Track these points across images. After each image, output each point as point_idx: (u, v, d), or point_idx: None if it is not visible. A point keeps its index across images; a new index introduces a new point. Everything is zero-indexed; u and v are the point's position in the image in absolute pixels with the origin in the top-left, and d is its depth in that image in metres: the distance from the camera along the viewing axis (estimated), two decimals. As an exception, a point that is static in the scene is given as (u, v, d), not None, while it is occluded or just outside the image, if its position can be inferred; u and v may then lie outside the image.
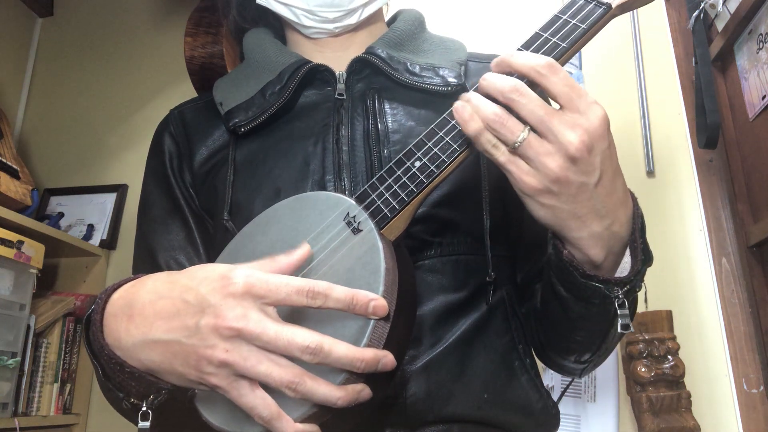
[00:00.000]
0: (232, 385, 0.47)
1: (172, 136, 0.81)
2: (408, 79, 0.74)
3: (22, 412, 1.52)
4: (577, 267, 0.56)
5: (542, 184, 0.52)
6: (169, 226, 0.77)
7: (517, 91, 0.51)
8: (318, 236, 0.56)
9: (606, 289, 0.56)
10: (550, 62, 0.52)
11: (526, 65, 0.52)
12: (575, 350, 0.69)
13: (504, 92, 0.51)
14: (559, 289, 0.61)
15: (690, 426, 1.27)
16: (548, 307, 0.67)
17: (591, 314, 0.61)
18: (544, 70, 0.51)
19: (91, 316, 0.55)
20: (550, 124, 0.50)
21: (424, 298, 0.68)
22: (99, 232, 1.90)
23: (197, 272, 0.51)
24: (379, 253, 0.52)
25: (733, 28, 1.39)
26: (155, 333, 0.50)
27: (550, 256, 0.60)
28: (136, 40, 2.15)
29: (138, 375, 0.51)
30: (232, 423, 0.51)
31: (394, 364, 0.49)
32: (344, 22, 0.78)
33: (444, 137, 0.57)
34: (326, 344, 0.46)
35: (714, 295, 1.43)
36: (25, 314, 1.50)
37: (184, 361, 0.49)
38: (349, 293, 0.48)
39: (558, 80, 0.51)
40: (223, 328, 0.46)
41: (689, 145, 1.56)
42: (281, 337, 0.46)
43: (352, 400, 0.48)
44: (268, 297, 0.48)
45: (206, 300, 0.48)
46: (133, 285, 0.55)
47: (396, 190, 0.57)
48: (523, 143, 0.51)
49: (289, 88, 0.75)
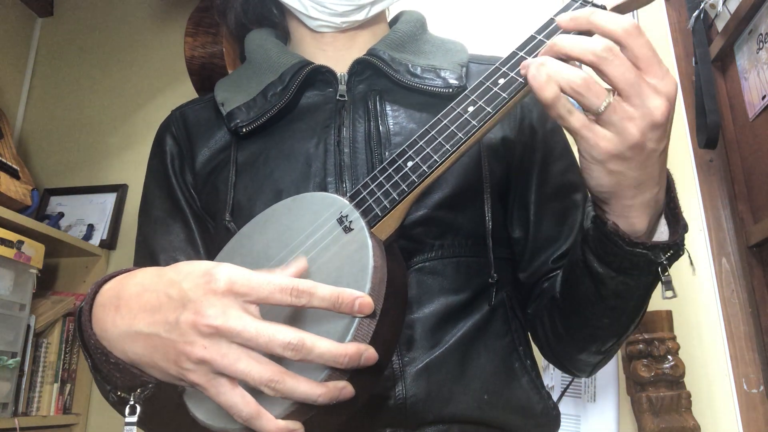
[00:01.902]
0: (210, 383, 0.47)
1: (173, 136, 0.81)
2: (409, 80, 0.74)
3: (22, 412, 1.52)
4: (622, 236, 0.55)
5: (618, 150, 0.50)
6: (170, 227, 0.77)
7: (611, 50, 0.48)
8: (311, 235, 0.56)
9: (652, 255, 0.55)
10: (636, 24, 0.50)
11: (611, 24, 0.50)
12: (599, 337, 0.67)
13: (596, 51, 0.48)
14: (596, 266, 0.59)
15: (690, 426, 1.27)
16: (576, 290, 0.65)
17: (627, 289, 0.60)
18: (634, 31, 0.49)
19: (82, 307, 0.55)
20: (639, 88, 0.48)
21: (424, 300, 0.68)
22: (99, 232, 1.90)
23: (183, 267, 0.51)
24: (368, 251, 0.52)
25: (733, 28, 1.39)
26: (138, 325, 0.50)
27: (588, 231, 0.58)
28: (136, 40, 2.15)
29: (122, 366, 0.51)
30: (218, 419, 0.50)
31: (377, 358, 0.48)
32: (352, 18, 0.78)
33: (436, 137, 0.57)
34: (308, 340, 0.46)
35: (714, 295, 1.44)
36: (25, 314, 1.50)
37: (164, 355, 0.48)
38: (335, 292, 0.48)
39: (644, 43, 0.49)
40: (202, 325, 0.46)
41: (689, 145, 1.56)
42: (262, 334, 0.46)
43: (333, 397, 0.47)
44: (250, 295, 0.47)
45: (187, 296, 0.48)
46: (124, 277, 0.55)
47: (388, 190, 0.57)
48: (608, 108, 0.49)
49: (291, 89, 0.75)
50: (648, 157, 0.51)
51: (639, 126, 0.49)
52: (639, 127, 0.49)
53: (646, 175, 0.52)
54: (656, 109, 0.49)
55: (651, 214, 0.55)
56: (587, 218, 0.59)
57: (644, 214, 0.55)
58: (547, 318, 0.73)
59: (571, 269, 0.65)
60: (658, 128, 0.49)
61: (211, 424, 0.51)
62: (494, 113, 0.56)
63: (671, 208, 0.57)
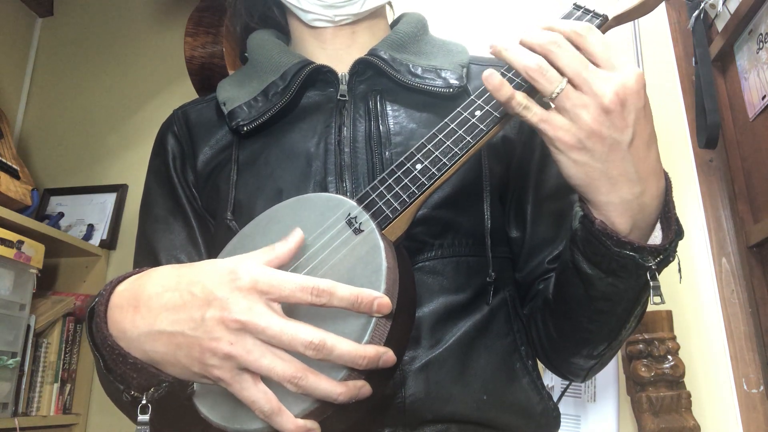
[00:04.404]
0: (234, 378, 0.48)
1: (175, 136, 0.81)
2: (410, 80, 0.75)
3: (22, 412, 1.52)
4: (610, 235, 0.55)
5: (576, 138, 0.52)
6: (171, 226, 0.77)
7: (555, 42, 0.53)
8: (319, 236, 0.57)
9: (640, 258, 0.56)
10: (589, 25, 0.54)
11: (566, 26, 0.54)
12: (590, 341, 0.67)
13: (543, 44, 0.53)
14: (584, 266, 0.60)
15: (690, 426, 1.27)
16: (566, 292, 0.65)
17: (616, 291, 0.60)
18: (583, 31, 0.54)
19: (95, 308, 0.55)
20: (586, 75, 0.52)
21: (424, 299, 0.68)
22: (99, 232, 1.90)
23: (204, 266, 0.52)
24: (381, 253, 0.52)
25: (733, 28, 1.40)
26: (161, 324, 0.50)
27: (576, 231, 0.59)
28: (136, 40, 2.15)
29: (140, 366, 0.51)
30: (231, 420, 0.51)
31: (395, 360, 0.50)
32: (345, 10, 0.78)
33: (445, 140, 0.58)
34: (329, 341, 0.47)
35: (714, 295, 1.44)
36: (25, 314, 1.50)
37: (188, 352, 0.49)
38: (354, 292, 0.49)
39: (596, 40, 0.53)
40: (229, 321, 0.47)
41: (689, 145, 1.56)
42: (285, 332, 0.47)
43: (353, 396, 0.48)
44: (272, 293, 0.48)
45: (213, 293, 0.48)
46: (140, 277, 0.56)
47: (398, 192, 0.58)
48: (561, 94, 0.52)
49: (292, 88, 0.75)
50: (611, 148, 0.52)
51: (591, 112, 0.51)
52: (591, 113, 0.51)
53: (616, 169, 0.53)
54: (605, 95, 0.51)
55: (635, 217, 0.55)
56: (575, 218, 0.59)
57: (626, 215, 0.55)
58: (540, 320, 0.73)
59: (561, 271, 0.66)
60: (611, 113, 0.51)
61: (226, 425, 0.51)
62: (501, 117, 0.58)
63: (664, 212, 0.58)
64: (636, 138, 0.53)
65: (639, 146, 0.53)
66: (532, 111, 0.54)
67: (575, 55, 0.52)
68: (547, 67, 0.52)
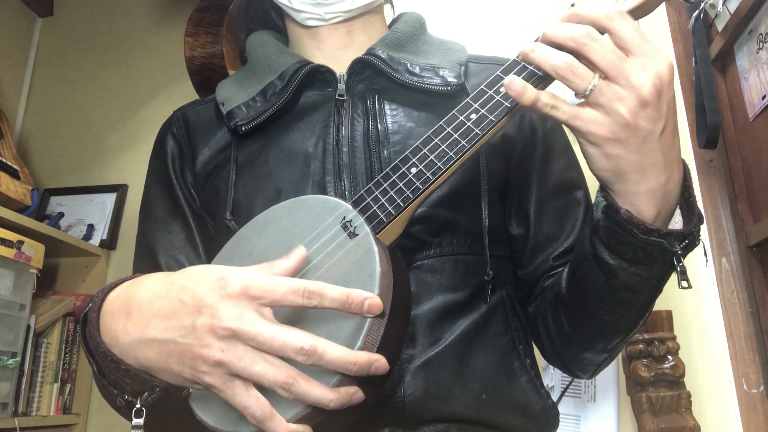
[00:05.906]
0: (226, 385, 0.48)
1: (174, 137, 0.81)
2: (408, 79, 0.74)
3: (22, 412, 1.52)
4: (637, 223, 0.55)
5: (611, 132, 0.51)
6: (170, 226, 0.78)
7: (589, 35, 0.51)
8: (314, 239, 0.57)
9: (668, 243, 0.55)
10: (620, 10, 0.53)
11: (596, 13, 0.52)
12: (607, 333, 0.67)
13: (576, 37, 0.51)
14: (606, 257, 0.59)
15: (690, 426, 1.27)
16: (585, 285, 0.64)
17: (639, 280, 0.60)
18: (616, 16, 0.52)
19: (88, 314, 0.55)
20: (622, 68, 0.50)
21: (422, 297, 0.68)
22: (99, 232, 1.90)
23: (195, 272, 0.52)
24: (375, 257, 0.52)
25: (733, 28, 1.39)
26: (152, 332, 0.50)
27: (599, 221, 0.58)
28: (136, 40, 2.15)
29: (133, 373, 0.51)
30: (225, 422, 0.51)
31: (387, 368, 0.49)
32: (335, 8, 0.78)
33: (440, 144, 0.58)
34: (320, 346, 0.47)
35: (714, 295, 1.43)
36: (25, 314, 1.50)
37: (179, 359, 0.49)
38: (344, 292, 0.49)
39: (628, 26, 0.51)
40: (219, 328, 0.47)
41: (689, 145, 1.56)
42: (276, 338, 0.47)
43: (345, 402, 0.48)
44: (264, 298, 0.48)
45: (203, 300, 0.48)
46: (131, 284, 0.56)
47: (392, 196, 0.58)
48: (594, 90, 0.51)
49: (290, 88, 0.75)
50: (645, 139, 0.51)
51: (627, 105, 0.50)
52: (628, 106, 0.50)
53: (648, 159, 0.52)
54: (643, 87, 0.50)
55: (659, 205, 0.55)
56: (597, 209, 0.59)
57: (651, 203, 0.55)
58: (551, 316, 0.72)
59: (578, 263, 0.65)
60: (648, 106, 0.50)
61: (219, 427, 0.51)
62: (497, 122, 0.57)
63: (686, 197, 0.58)
64: (666, 127, 0.52)
65: (668, 134, 0.53)
66: (561, 109, 0.52)
67: (609, 46, 0.51)
68: (576, 64, 0.51)
